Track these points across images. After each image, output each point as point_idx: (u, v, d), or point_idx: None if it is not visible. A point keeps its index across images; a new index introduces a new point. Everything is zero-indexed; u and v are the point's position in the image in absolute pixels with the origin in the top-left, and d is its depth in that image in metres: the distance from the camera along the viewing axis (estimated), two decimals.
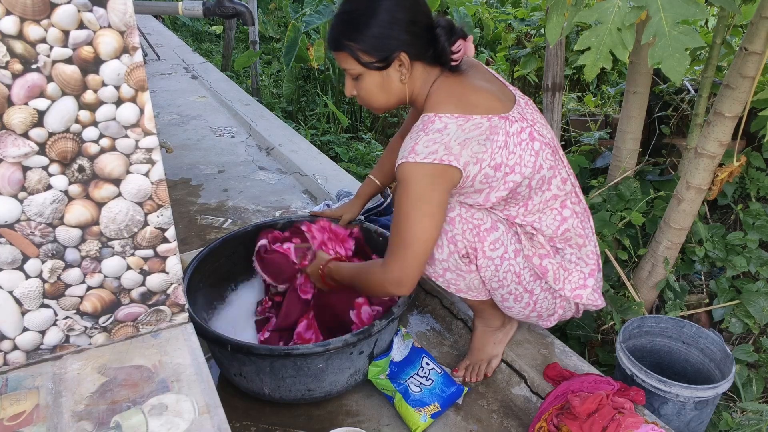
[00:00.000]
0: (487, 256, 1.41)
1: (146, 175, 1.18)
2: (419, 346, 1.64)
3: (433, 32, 1.33)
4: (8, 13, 0.98)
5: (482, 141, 1.30)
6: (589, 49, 1.24)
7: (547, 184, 1.41)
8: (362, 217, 1.99)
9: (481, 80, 1.41)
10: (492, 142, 1.31)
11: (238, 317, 1.77)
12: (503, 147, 1.32)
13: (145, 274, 1.26)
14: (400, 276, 1.34)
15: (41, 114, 1.06)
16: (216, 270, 1.75)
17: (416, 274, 1.34)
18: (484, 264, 1.43)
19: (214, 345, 1.48)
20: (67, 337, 1.24)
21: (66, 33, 1.03)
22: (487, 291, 1.50)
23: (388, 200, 2.08)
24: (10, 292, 1.15)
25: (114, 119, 1.12)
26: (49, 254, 1.16)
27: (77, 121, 1.09)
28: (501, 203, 1.41)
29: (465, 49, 1.37)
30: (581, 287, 1.46)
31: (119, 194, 1.17)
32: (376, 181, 1.87)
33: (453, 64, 1.37)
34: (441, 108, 1.32)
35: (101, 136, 1.12)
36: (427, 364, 1.58)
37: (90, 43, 1.05)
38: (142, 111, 1.13)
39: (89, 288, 1.22)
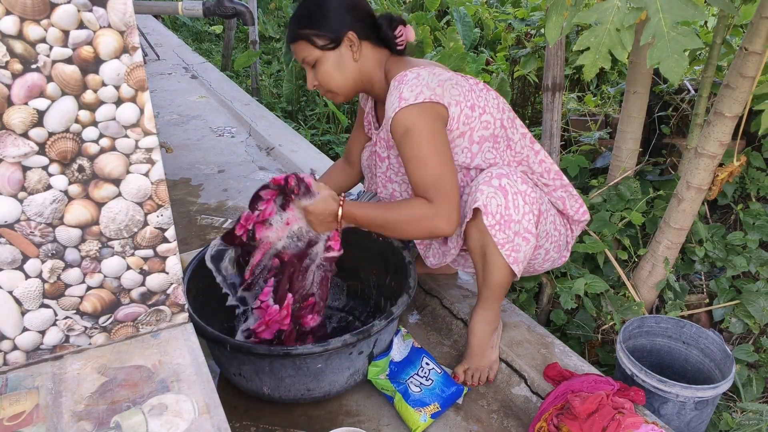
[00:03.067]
0: (542, 213, 1.52)
1: (146, 175, 1.18)
2: (419, 346, 1.64)
3: (375, 20, 1.54)
4: (8, 12, 0.98)
5: (453, 85, 1.48)
6: (588, 49, 1.24)
7: (516, 125, 1.59)
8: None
9: (425, 61, 1.61)
10: (461, 87, 1.49)
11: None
12: (470, 91, 1.51)
13: (144, 274, 1.26)
14: (450, 212, 1.40)
15: (41, 114, 1.06)
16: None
17: (459, 211, 1.44)
18: (541, 221, 1.53)
19: (214, 344, 1.48)
20: (67, 337, 1.24)
21: (66, 33, 1.03)
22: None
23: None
24: (10, 292, 1.15)
25: (114, 119, 1.12)
26: (49, 254, 1.16)
27: (77, 121, 1.09)
28: (492, 151, 1.54)
29: (406, 34, 1.57)
30: (581, 205, 1.66)
31: (119, 194, 1.17)
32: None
33: (399, 48, 1.57)
34: (407, 67, 1.50)
35: (101, 136, 1.12)
36: (427, 364, 1.58)
37: (90, 43, 1.05)
38: (142, 111, 1.13)
39: (89, 288, 1.22)
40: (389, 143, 1.60)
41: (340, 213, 1.47)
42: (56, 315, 1.21)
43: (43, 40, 1.01)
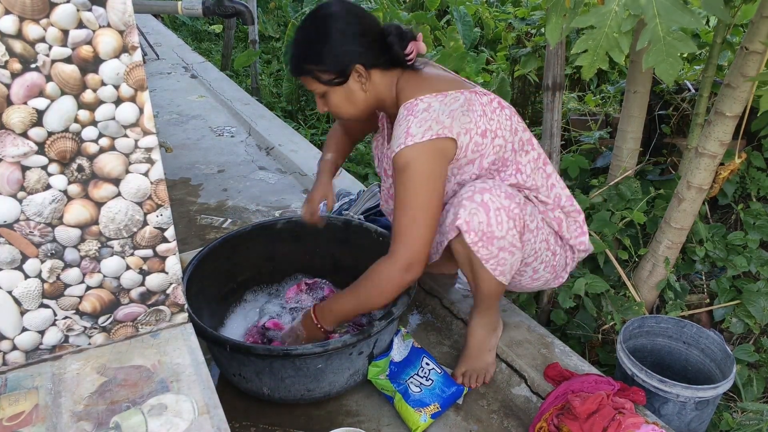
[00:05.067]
0: (530, 229, 1.47)
1: (145, 174, 1.18)
2: (419, 347, 1.64)
3: (385, 40, 1.44)
4: (7, 12, 0.98)
5: (465, 112, 1.41)
6: (586, 51, 1.24)
7: (528, 145, 1.53)
8: (357, 216, 1.99)
9: (438, 70, 1.56)
10: (472, 113, 1.43)
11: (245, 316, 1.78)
12: (483, 115, 1.44)
13: (144, 274, 1.26)
14: (410, 257, 1.39)
15: (40, 113, 1.05)
16: (216, 269, 1.74)
17: (426, 253, 1.40)
18: (528, 238, 1.48)
19: (213, 345, 1.47)
20: (67, 337, 1.24)
21: (65, 32, 1.02)
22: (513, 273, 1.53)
23: None
24: (9, 292, 1.15)
25: (113, 119, 1.11)
26: (49, 254, 1.15)
27: (76, 120, 1.08)
28: (496, 171, 1.50)
29: (417, 49, 1.48)
30: (581, 234, 1.61)
31: (118, 194, 1.17)
32: (329, 159, 1.82)
33: (409, 63, 1.48)
34: (418, 92, 1.43)
35: (100, 135, 1.11)
36: (427, 364, 1.58)
37: (89, 43, 1.04)
38: (141, 110, 1.13)
39: (88, 288, 1.22)
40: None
41: (318, 324, 1.52)
42: (56, 315, 1.21)
43: (43, 40, 1.01)
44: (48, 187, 1.11)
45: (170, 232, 1.25)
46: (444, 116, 1.38)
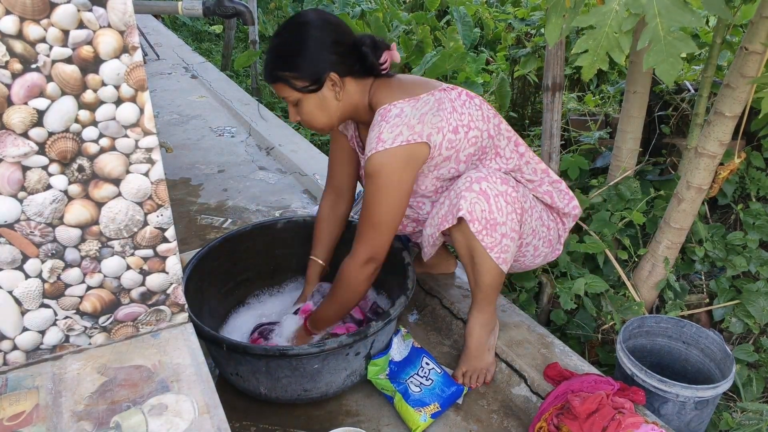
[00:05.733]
0: (526, 210, 1.52)
1: (146, 174, 1.18)
2: (419, 346, 1.64)
3: (359, 50, 1.46)
4: (8, 12, 0.98)
5: (435, 113, 1.44)
6: (586, 51, 1.24)
7: (502, 131, 1.57)
8: (357, 217, 1.99)
9: (408, 76, 1.59)
10: (443, 111, 1.45)
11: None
12: (453, 111, 1.47)
13: (144, 273, 1.26)
14: (369, 254, 1.46)
15: (41, 114, 1.05)
16: (216, 269, 1.74)
17: (386, 247, 1.48)
18: (526, 219, 1.53)
19: (211, 344, 1.48)
20: (67, 337, 1.24)
21: (66, 32, 1.02)
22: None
23: None
24: (10, 292, 1.15)
25: (114, 119, 1.11)
26: (49, 254, 1.16)
27: (77, 120, 1.09)
28: (478, 161, 1.53)
29: (391, 58, 1.51)
30: (570, 199, 1.66)
31: (119, 194, 1.17)
32: (319, 261, 1.80)
33: (383, 71, 1.51)
34: (391, 98, 1.46)
35: (101, 135, 1.12)
36: (427, 364, 1.58)
37: (90, 43, 1.05)
38: (141, 111, 1.13)
39: (89, 288, 1.22)
40: None
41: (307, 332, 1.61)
42: (56, 315, 1.21)
43: (43, 40, 1.01)
44: (48, 187, 1.11)
45: (170, 232, 1.25)
46: (415, 121, 1.41)
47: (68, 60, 1.04)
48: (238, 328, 1.76)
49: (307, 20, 1.43)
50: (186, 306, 1.35)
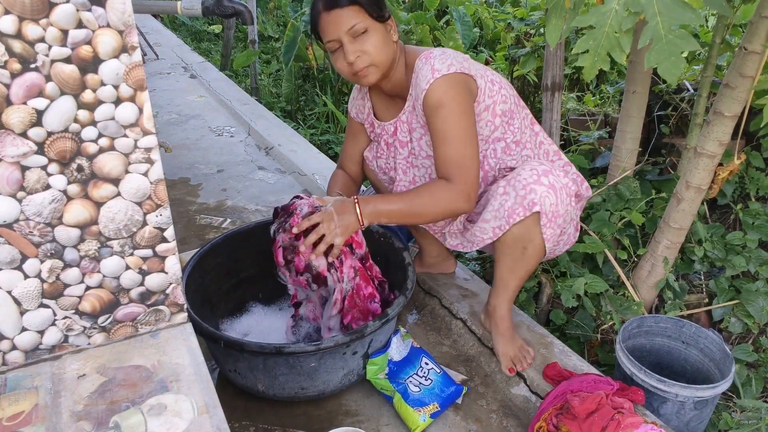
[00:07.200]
0: (570, 193, 1.51)
1: (145, 174, 1.18)
2: (418, 346, 1.64)
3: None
4: (7, 12, 0.98)
5: (472, 62, 1.52)
6: (587, 51, 1.24)
7: (521, 105, 1.63)
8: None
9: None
10: (477, 64, 1.54)
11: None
12: (486, 69, 1.56)
13: (144, 273, 1.26)
14: (468, 188, 1.44)
15: (40, 113, 1.05)
16: (216, 268, 1.74)
17: (477, 185, 1.48)
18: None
19: (208, 341, 1.48)
20: (66, 337, 1.24)
21: (65, 32, 1.02)
22: None
23: None
24: (9, 292, 1.15)
25: (113, 119, 1.11)
26: (48, 254, 1.15)
27: (76, 120, 1.09)
28: (507, 123, 1.57)
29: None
30: (582, 180, 1.68)
31: (118, 194, 1.17)
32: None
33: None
34: (422, 51, 1.52)
35: (100, 135, 1.11)
36: (426, 363, 1.58)
37: (89, 43, 1.05)
38: (141, 110, 1.13)
39: (88, 288, 1.22)
40: (412, 126, 1.61)
41: (358, 210, 1.45)
42: (55, 315, 1.21)
43: (42, 40, 1.01)
44: (47, 187, 1.11)
45: (170, 232, 1.25)
46: (461, 58, 1.48)
47: (67, 60, 1.04)
48: (242, 322, 1.77)
49: None
50: (185, 306, 1.35)
